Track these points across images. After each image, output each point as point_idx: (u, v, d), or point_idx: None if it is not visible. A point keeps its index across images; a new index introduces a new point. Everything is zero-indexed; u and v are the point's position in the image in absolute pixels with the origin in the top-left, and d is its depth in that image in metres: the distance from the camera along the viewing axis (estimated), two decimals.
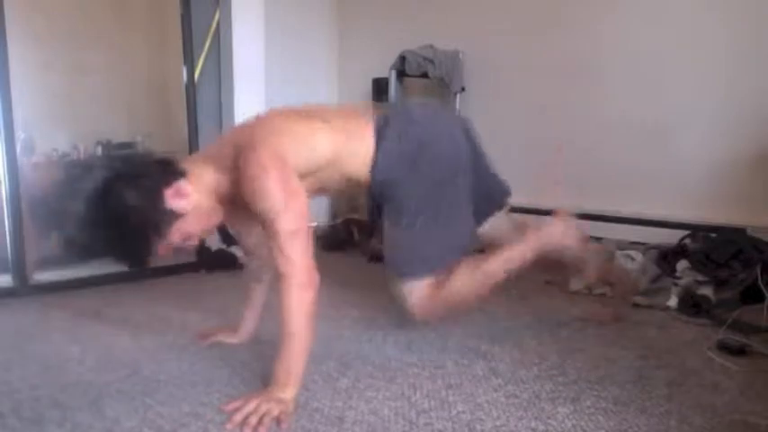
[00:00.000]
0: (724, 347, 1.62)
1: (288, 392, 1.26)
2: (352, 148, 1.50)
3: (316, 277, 1.31)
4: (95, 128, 2.53)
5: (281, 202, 1.28)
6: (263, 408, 1.22)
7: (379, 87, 3.35)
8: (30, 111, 2.28)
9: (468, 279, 1.57)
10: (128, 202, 1.21)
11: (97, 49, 2.50)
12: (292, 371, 1.28)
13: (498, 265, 1.61)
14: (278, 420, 1.20)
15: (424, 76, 3.11)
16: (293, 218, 1.29)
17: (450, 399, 1.33)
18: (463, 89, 3.12)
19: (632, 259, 2.28)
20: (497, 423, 1.21)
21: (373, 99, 3.44)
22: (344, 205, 3.45)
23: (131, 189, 1.22)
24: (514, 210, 3.03)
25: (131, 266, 1.36)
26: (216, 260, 2.65)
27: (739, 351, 1.59)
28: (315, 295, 1.31)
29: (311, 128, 1.45)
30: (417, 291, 1.54)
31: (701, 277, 2.08)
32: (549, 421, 1.22)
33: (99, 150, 2.52)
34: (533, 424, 1.21)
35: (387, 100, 3.18)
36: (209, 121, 3.12)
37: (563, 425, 1.21)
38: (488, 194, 1.76)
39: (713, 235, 2.28)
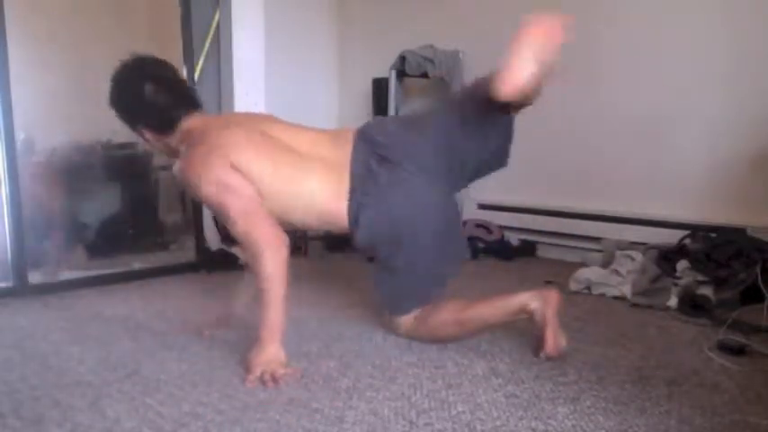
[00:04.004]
0: (724, 347, 1.62)
1: (273, 347, 1.46)
2: (314, 193, 1.60)
3: (282, 238, 1.50)
4: (95, 128, 2.53)
5: (218, 199, 1.53)
6: (267, 372, 1.41)
7: (379, 87, 3.35)
8: (30, 111, 2.27)
9: (450, 320, 1.63)
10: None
11: (97, 49, 2.49)
12: (275, 328, 1.46)
13: (480, 316, 1.62)
14: (277, 376, 1.40)
15: (424, 76, 3.11)
16: (237, 203, 1.51)
17: (451, 399, 1.33)
18: None
19: (632, 259, 2.28)
20: (497, 423, 1.21)
21: (373, 99, 3.44)
22: None
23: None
24: (515, 210, 3.05)
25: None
26: (216, 260, 2.65)
27: (739, 351, 1.59)
28: (285, 254, 1.49)
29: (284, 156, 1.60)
30: (404, 324, 1.70)
31: (701, 277, 2.08)
32: (549, 421, 1.22)
33: (99, 150, 2.52)
34: (533, 424, 1.21)
35: (387, 100, 3.17)
36: None
37: (563, 425, 1.21)
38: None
39: (713, 235, 2.28)
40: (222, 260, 2.62)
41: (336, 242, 3.21)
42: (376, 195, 1.59)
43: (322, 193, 1.59)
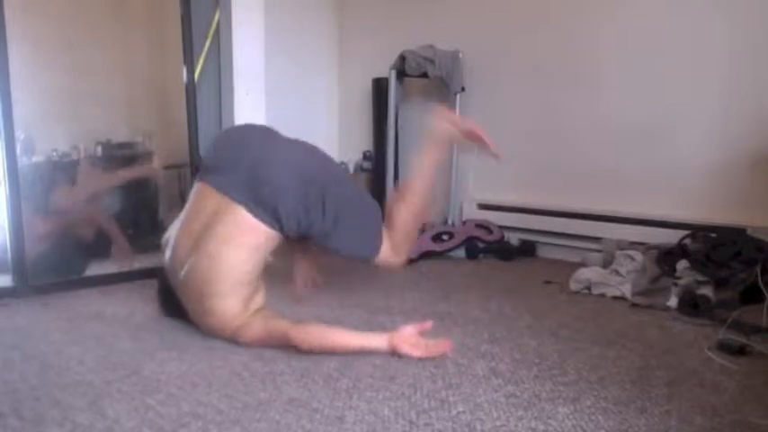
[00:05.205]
0: (724, 347, 1.62)
1: (383, 341, 1.58)
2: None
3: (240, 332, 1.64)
4: (95, 128, 2.52)
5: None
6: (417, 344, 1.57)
7: (380, 87, 3.35)
8: (30, 111, 2.27)
9: (404, 217, 1.85)
10: None
11: (97, 49, 2.49)
12: (361, 341, 1.59)
13: (421, 193, 1.87)
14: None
15: (424, 76, 3.11)
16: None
17: (451, 399, 1.33)
18: (463, 89, 3.12)
19: (632, 259, 2.28)
20: (497, 423, 1.21)
21: (373, 99, 3.45)
22: None
23: None
24: (515, 210, 3.05)
25: None
26: None
27: (739, 351, 1.59)
28: (241, 337, 1.64)
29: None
30: (386, 255, 1.84)
31: (700, 277, 2.08)
32: (549, 421, 1.22)
33: (99, 150, 2.52)
34: (533, 424, 1.21)
35: (387, 100, 3.18)
36: (209, 121, 3.12)
37: (563, 425, 1.21)
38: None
39: (713, 235, 2.28)
40: None
41: None
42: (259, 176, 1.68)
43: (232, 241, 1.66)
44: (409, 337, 1.58)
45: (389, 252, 1.83)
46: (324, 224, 1.70)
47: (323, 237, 1.73)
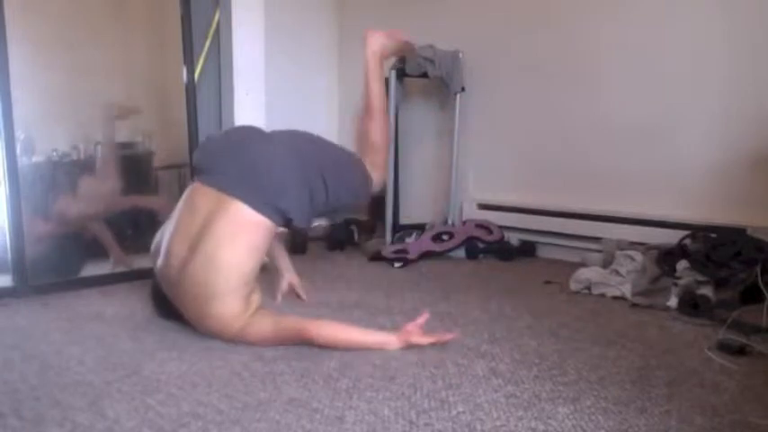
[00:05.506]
0: (724, 347, 1.62)
1: (393, 339, 1.63)
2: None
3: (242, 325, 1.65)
4: (95, 128, 2.53)
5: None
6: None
7: None
8: (30, 111, 2.27)
9: (377, 133, 2.14)
10: None
11: (97, 49, 2.49)
12: (374, 338, 1.65)
13: (378, 101, 2.20)
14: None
15: (424, 76, 3.11)
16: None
17: (451, 399, 1.33)
18: (463, 89, 3.12)
19: (632, 259, 2.28)
20: (497, 423, 1.21)
21: None
22: None
23: None
24: (515, 210, 3.05)
25: None
26: None
27: (739, 351, 1.59)
28: (245, 337, 1.64)
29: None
30: (376, 185, 2.08)
31: (700, 277, 2.08)
32: (549, 421, 1.22)
33: (99, 150, 2.52)
34: (533, 424, 1.21)
35: (387, 99, 3.17)
36: (209, 121, 3.12)
37: (563, 425, 1.20)
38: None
39: (713, 235, 2.28)
40: None
41: (337, 242, 3.21)
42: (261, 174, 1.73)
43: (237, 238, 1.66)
44: (415, 330, 1.64)
45: (377, 179, 2.06)
46: (328, 202, 1.83)
47: (329, 211, 1.91)
